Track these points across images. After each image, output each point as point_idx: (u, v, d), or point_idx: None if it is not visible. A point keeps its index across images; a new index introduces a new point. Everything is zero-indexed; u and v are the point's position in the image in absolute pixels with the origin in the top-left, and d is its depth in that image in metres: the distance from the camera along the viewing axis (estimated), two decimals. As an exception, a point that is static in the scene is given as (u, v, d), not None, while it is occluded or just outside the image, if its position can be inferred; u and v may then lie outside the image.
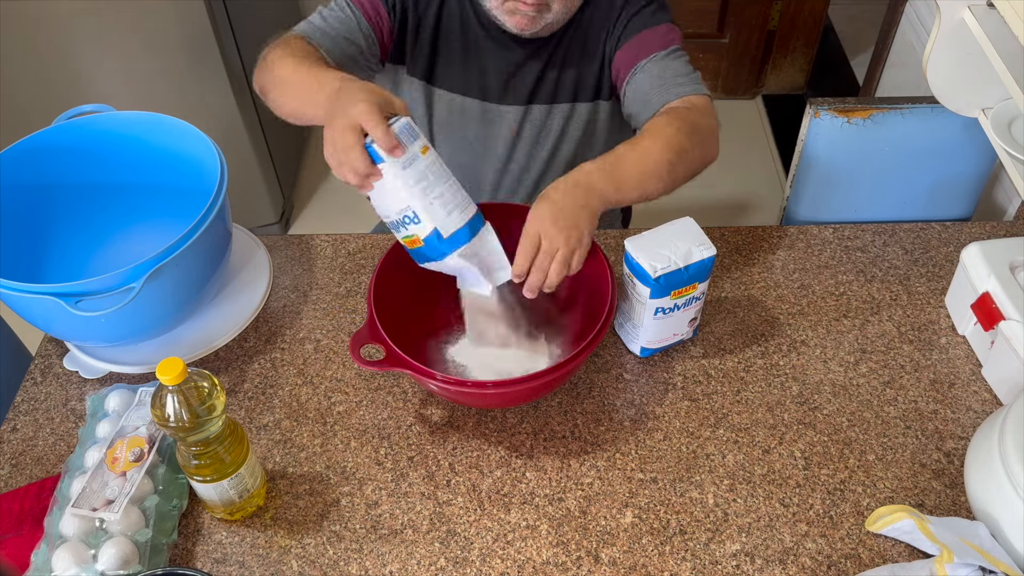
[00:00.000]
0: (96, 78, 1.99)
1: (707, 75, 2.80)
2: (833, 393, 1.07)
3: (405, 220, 0.93)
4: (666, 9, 1.19)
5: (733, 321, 1.15)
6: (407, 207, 0.91)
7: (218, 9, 1.97)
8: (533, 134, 1.26)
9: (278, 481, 0.99)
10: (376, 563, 0.92)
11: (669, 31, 1.17)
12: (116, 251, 1.20)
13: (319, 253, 1.26)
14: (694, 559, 0.91)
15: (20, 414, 1.07)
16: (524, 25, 1.12)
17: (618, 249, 1.22)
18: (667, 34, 1.16)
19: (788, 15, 2.67)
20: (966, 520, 0.90)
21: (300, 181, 2.65)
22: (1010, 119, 1.12)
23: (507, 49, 1.20)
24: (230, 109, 2.09)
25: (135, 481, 0.91)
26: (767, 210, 2.49)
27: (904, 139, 1.27)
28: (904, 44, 1.90)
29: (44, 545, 0.89)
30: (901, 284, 1.20)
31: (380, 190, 0.91)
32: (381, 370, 0.93)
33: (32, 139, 1.12)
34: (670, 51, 1.15)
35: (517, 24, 1.12)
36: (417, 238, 0.94)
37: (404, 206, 0.92)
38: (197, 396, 0.84)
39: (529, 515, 0.95)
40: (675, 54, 1.15)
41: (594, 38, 1.20)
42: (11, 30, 1.87)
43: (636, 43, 1.16)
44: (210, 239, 1.04)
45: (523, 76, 1.21)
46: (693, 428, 1.03)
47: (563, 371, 0.93)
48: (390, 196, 0.91)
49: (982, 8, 1.08)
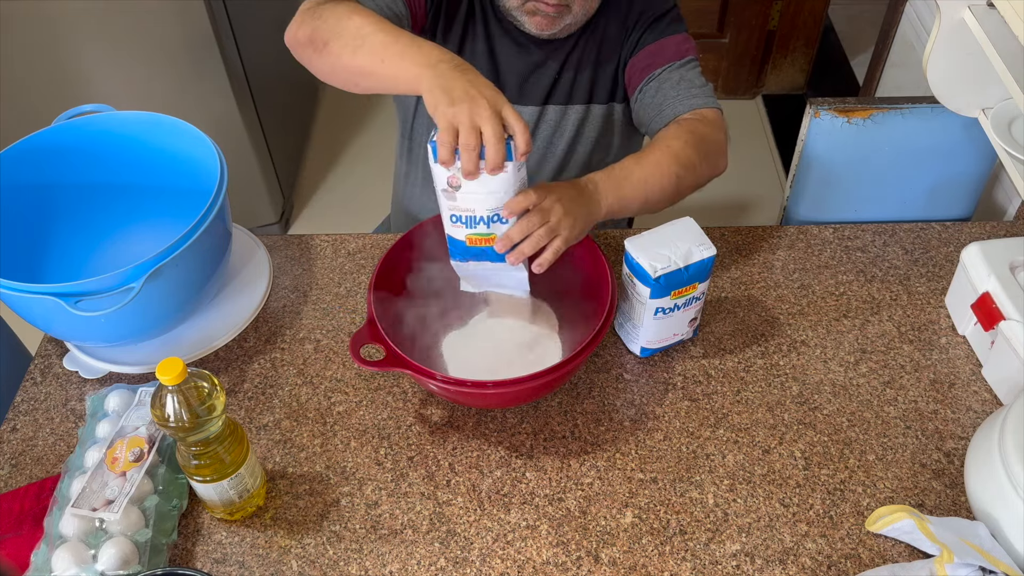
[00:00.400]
0: (96, 78, 1.99)
1: (707, 75, 2.77)
2: (833, 393, 1.07)
3: (496, 218, 0.93)
4: (682, 20, 1.20)
5: (733, 321, 1.15)
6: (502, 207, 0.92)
7: (218, 9, 1.97)
8: (547, 134, 1.26)
9: (278, 481, 0.99)
10: (376, 563, 0.92)
11: (684, 41, 1.17)
12: (116, 251, 1.20)
13: (319, 253, 1.26)
14: (694, 559, 0.91)
15: (20, 414, 1.07)
16: (545, 26, 1.12)
17: (618, 249, 1.22)
18: (682, 44, 1.17)
19: (788, 15, 2.67)
20: (966, 520, 0.90)
21: (300, 181, 2.65)
22: (1010, 119, 1.12)
23: (525, 50, 1.20)
24: (230, 109, 2.09)
25: (135, 481, 0.91)
26: (767, 210, 2.49)
27: (904, 139, 1.27)
28: (904, 44, 1.90)
29: (44, 545, 0.89)
30: (901, 284, 1.20)
31: (486, 184, 0.89)
32: (381, 370, 0.93)
33: (32, 139, 1.12)
34: (685, 62, 1.16)
35: (538, 25, 1.12)
36: (494, 237, 0.94)
37: (500, 205, 0.91)
38: (197, 396, 0.84)
39: (529, 515, 0.95)
40: (689, 65, 1.16)
41: (610, 42, 1.20)
42: (11, 30, 1.87)
43: (651, 51, 1.16)
44: (210, 239, 1.04)
45: (539, 77, 1.22)
46: (693, 428, 1.03)
47: (563, 371, 0.93)
48: (491, 194, 0.90)
49: (982, 8, 1.08)
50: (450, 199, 0.92)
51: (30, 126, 1.15)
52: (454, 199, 0.92)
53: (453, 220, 0.95)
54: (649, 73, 1.16)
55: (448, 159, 0.88)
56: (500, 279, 1.02)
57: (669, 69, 1.15)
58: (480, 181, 0.89)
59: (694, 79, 1.15)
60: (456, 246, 0.98)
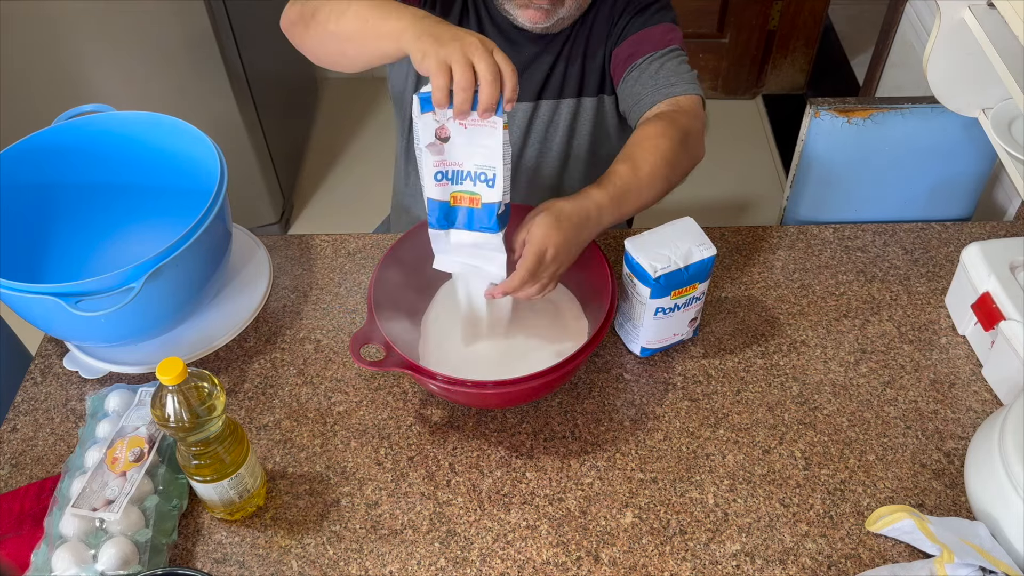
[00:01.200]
0: (96, 78, 1.99)
1: (707, 75, 2.80)
2: (833, 393, 1.07)
3: (480, 176, 0.88)
4: (669, 9, 1.19)
5: (733, 321, 1.15)
6: (491, 165, 0.88)
7: (218, 9, 1.97)
8: (542, 129, 1.26)
9: (278, 481, 0.99)
10: (376, 563, 0.92)
11: (668, 31, 1.16)
12: (116, 251, 1.20)
13: (319, 253, 1.26)
14: (694, 559, 0.91)
15: (20, 414, 1.07)
16: (538, 19, 1.11)
17: (618, 249, 1.21)
18: (666, 34, 1.16)
19: (788, 15, 2.67)
20: (966, 520, 0.90)
21: (300, 181, 2.65)
22: (1010, 119, 1.12)
23: (518, 46, 1.20)
24: (230, 109, 2.09)
25: (135, 481, 0.91)
26: (767, 210, 2.49)
27: (904, 139, 1.27)
28: (904, 44, 1.90)
29: (44, 545, 0.89)
30: (901, 284, 1.20)
31: (472, 135, 0.86)
32: (381, 370, 0.93)
33: (32, 139, 1.12)
34: (667, 51, 1.14)
35: (531, 19, 1.12)
36: (479, 198, 0.90)
37: (488, 163, 0.87)
38: (197, 396, 0.84)
39: (529, 515, 0.95)
40: (672, 54, 1.14)
41: (598, 33, 1.20)
42: (11, 30, 1.87)
43: (634, 41, 1.16)
44: (210, 239, 1.04)
45: (533, 73, 1.22)
46: (693, 428, 1.03)
47: (563, 371, 0.93)
48: (481, 147, 0.87)
49: (982, 8, 1.08)
50: (436, 153, 0.88)
51: (30, 126, 1.15)
52: (441, 152, 0.88)
53: (438, 178, 0.90)
54: (632, 63, 1.15)
55: (443, 100, 0.84)
56: (478, 257, 0.95)
57: (650, 59, 1.14)
58: (469, 133, 0.86)
59: (674, 67, 1.13)
60: (439, 209, 0.92)
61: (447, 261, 0.97)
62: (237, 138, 2.14)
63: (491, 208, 0.90)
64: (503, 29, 1.19)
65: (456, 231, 0.94)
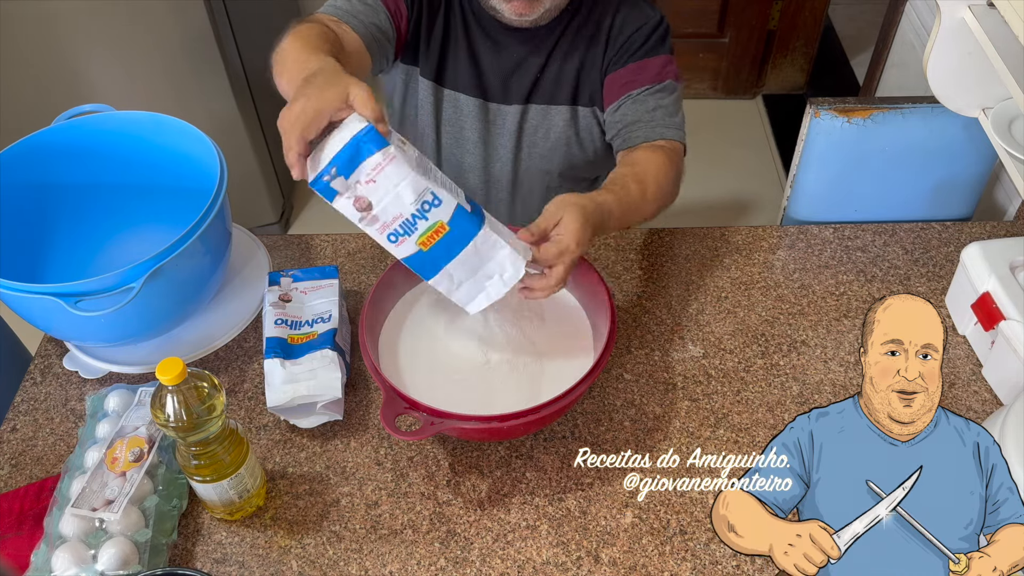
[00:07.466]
0: (96, 78, 1.99)
1: (707, 75, 2.80)
2: (833, 393, 1.07)
3: (424, 207, 0.85)
4: (666, 39, 1.19)
5: (733, 321, 1.15)
6: (424, 189, 0.84)
7: (218, 9, 1.97)
8: (532, 133, 1.26)
9: (278, 481, 0.99)
10: (376, 563, 0.92)
11: (666, 64, 1.17)
12: (116, 251, 1.20)
13: (319, 253, 1.26)
14: (694, 559, 0.91)
15: (20, 414, 1.07)
16: (523, 10, 1.10)
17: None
18: (664, 67, 1.17)
19: (788, 15, 2.67)
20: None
21: (300, 181, 2.65)
22: (1010, 119, 1.12)
23: (504, 47, 1.20)
24: (230, 109, 2.09)
25: (135, 481, 0.91)
26: (767, 210, 2.49)
27: (904, 139, 1.27)
28: (904, 44, 1.90)
29: (44, 545, 0.89)
30: (901, 284, 1.20)
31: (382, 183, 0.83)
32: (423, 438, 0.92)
33: (32, 139, 1.12)
34: (663, 86, 1.16)
35: (515, 10, 1.11)
36: (442, 224, 0.86)
37: (421, 189, 0.84)
38: (197, 396, 0.84)
39: (529, 515, 0.95)
40: (668, 90, 1.16)
41: (594, 46, 1.19)
42: (11, 30, 1.87)
43: (634, 69, 1.16)
44: (210, 239, 1.04)
45: (521, 76, 1.21)
46: (693, 428, 1.03)
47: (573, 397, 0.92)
48: (399, 184, 0.83)
49: (982, 8, 1.08)
50: (373, 222, 0.86)
51: (30, 126, 1.15)
52: (376, 219, 0.86)
53: (393, 239, 0.87)
54: (628, 91, 1.16)
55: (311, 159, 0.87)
56: (486, 266, 0.90)
57: (647, 92, 1.15)
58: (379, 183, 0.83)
59: (669, 106, 1.15)
60: (419, 264, 0.89)
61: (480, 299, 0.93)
62: (237, 138, 2.14)
63: (458, 219, 0.86)
64: (490, 33, 1.19)
65: (453, 264, 0.89)
